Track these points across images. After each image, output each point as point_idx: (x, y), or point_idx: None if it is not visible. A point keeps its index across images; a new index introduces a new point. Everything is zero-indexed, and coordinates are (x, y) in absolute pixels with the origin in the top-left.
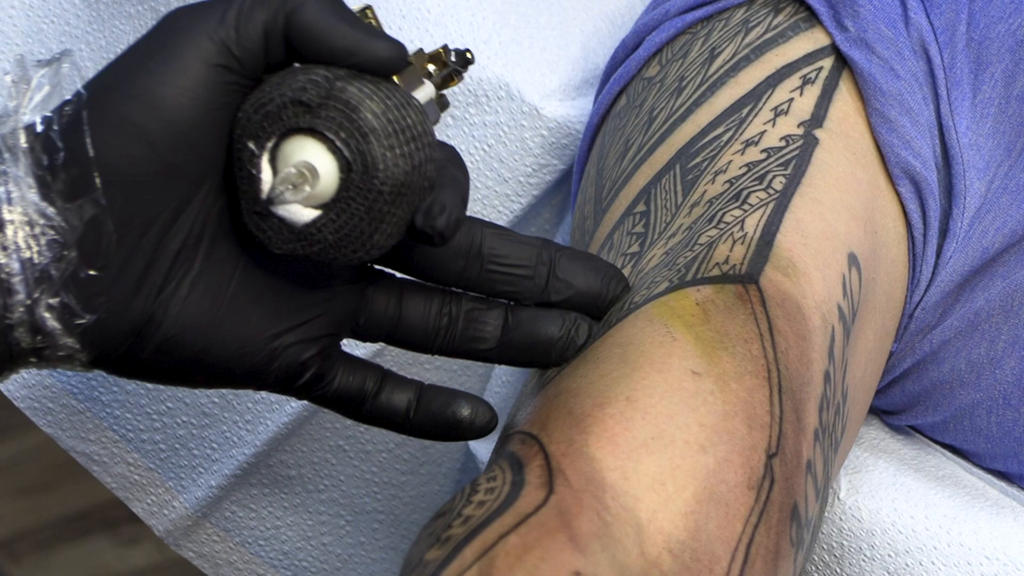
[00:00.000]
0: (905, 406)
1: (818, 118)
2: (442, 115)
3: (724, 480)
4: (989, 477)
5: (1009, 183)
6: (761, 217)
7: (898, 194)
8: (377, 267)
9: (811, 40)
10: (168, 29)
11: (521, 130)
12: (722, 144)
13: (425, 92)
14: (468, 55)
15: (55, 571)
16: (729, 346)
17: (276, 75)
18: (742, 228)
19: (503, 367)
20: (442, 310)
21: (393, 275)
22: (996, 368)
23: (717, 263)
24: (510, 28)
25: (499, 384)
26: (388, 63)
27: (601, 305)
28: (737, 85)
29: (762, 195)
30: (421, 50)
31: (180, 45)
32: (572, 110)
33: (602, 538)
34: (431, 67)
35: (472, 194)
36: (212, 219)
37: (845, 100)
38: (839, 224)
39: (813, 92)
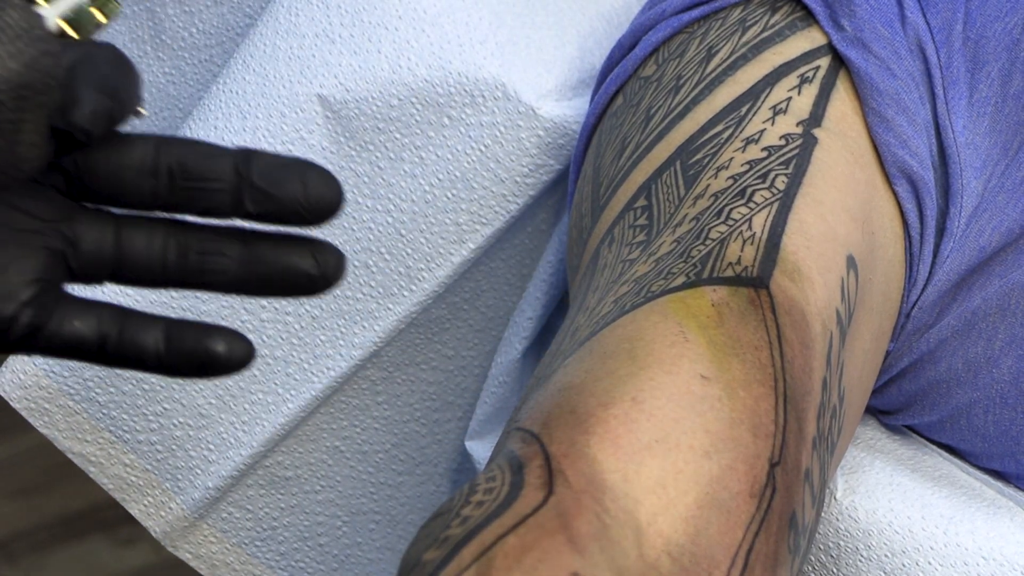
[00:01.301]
0: (902, 406)
1: (816, 117)
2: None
3: (727, 487)
4: (986, 477)
5: (1006, 182)
6: (767, 217)
7: (895, 193)
8: (86, 204)
9: (808, 39)
10: None
11: (517, 130)
12: (722, 141)
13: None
14: None
15: (52, 572)
16: (740, 353)
17: None
18: (750, 227)
19: (500, 368)
20: (168, 241)
21: (107, 210)
22: (993, 367)
23: (730, 263)
24: (506, 28)
25: (496, 384)
26: None
27: (305, 210)
28: (735, 83)
29: (766, 194)
30: None
31: None
32: (569, 110)
33: (601, 540)
34: None
35: (469, 194)
36: None
37: (842, 99)
38: (839, 226)
39: (811, 91)
